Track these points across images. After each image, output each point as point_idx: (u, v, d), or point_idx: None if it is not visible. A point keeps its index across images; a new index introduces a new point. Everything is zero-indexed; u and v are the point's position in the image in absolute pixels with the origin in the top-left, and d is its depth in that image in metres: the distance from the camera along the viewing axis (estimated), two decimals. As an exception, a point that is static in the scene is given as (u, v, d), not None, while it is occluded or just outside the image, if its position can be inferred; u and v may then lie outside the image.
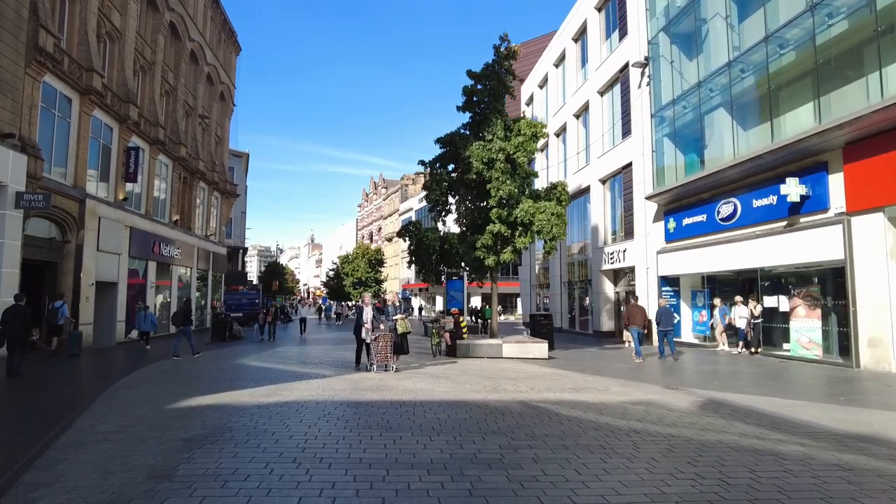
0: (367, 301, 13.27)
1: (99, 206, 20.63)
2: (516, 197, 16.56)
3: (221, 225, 36.16)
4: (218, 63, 33.66)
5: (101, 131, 21.40)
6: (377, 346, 12.25)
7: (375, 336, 12.24)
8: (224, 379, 11.40)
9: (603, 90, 27.13)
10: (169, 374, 12.33)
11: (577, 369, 13.68)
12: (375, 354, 12.25)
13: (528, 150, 16.72)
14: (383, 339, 12.23)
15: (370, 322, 12.56)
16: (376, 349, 12.24)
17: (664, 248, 21.30)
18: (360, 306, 12.91)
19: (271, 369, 13.05)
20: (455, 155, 17.29)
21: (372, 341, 12.29)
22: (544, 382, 11.18)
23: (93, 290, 20.17)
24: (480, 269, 17.63)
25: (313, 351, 18.29)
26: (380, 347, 12.23)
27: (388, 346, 12.24)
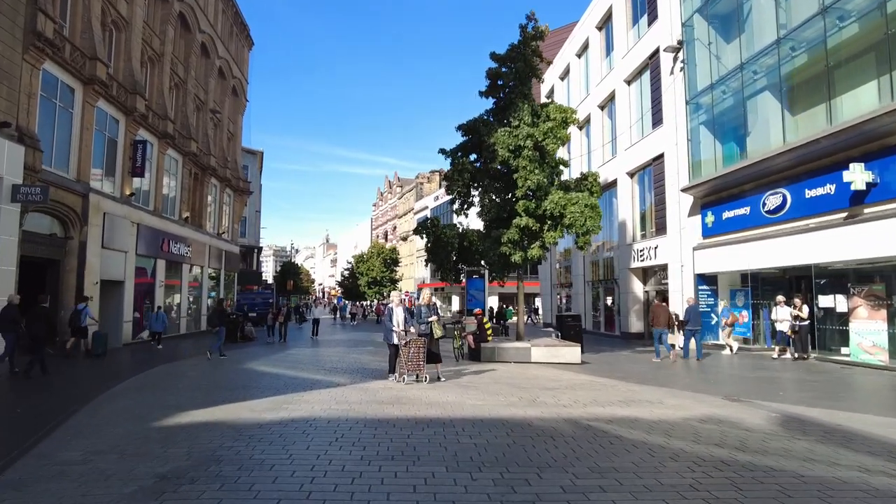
0: (398, 301, 11.45)
1: (104, 202, 19.55)
2: (545, 188, 15.11)
3: (234, 223, 35.10)
4: (230, 57, 32.59)
5: (106, 124, 20.32)
6: (408, 353, 10.56)
7: (406, 341, 10.56)
8: (226, 387, 10.12)
9: (630, 79, 25.55)
10: (169, 380, 11.10)
11: (618, 376, 12.22)
12: (406, 362, 10.54)
13: (558, 137, 15.26)
14: (415, 345, 10.56)
15: (401, 325, 10.87)
16: (407, 356, 10.56)
17: (701, 243, 19.70)
18: (389, 308, 11.13)
19: (280, 375, 11.75)
20: (478, 143, 15.88)
21: (402, 347, 10.61)
22: (587, 394, 9.74)
23: (97, 289, 19.07)
24: (505, 265, 16.20)
25: (326, 354, 17.00)
26: (411, 354, 10.56)
27: (421, 353, 10.61)
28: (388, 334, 11.02)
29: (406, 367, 10.53)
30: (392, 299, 11.61)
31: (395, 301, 11.41)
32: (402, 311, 11.05)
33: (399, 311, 11.00)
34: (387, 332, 11.03)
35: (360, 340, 23.08)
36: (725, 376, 12.71)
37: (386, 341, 11.16)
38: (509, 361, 14.65)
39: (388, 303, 11.89)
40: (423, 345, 10.61)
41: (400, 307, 11.11)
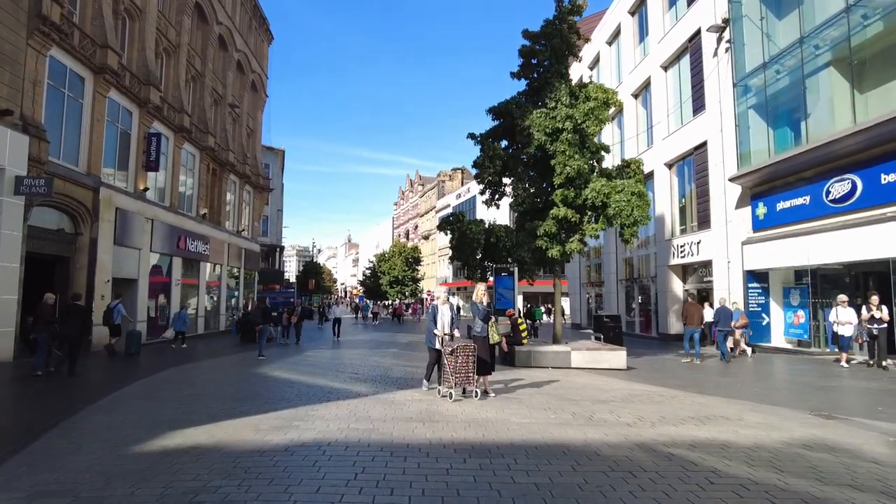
0: (444, 299, 9.69)
1: (116, 196, 18.55)
2: (585, 175, 13.57)
3: (254, 220, 34.13)
4: (248, 50, 31.60)
5: (118, 115, 19.34)
6: (455, 363, 8.55)
7: (453, 348, 8.57)
8: (232, 397, 8.83)
9: (667, 64, 23.82)
10: (172, 387, 9.87)
11: (675, 385, 10.66)
12: (452, 373, 8.56)
13: (600, 119, 13.71)
14: (463, 353, 8.58)
15: (447, 327, 9.18)
16: (454, 366, 8.55)
17: (751, 237, 17.94)
18: (433, 306, 9.49)
19: (294, 383, 10.44)
20: (511, 127, 14.40)
21: (448, 355, 8.64)
22: (649, 408, 8.22)
23: (109, 288, 18.07)
24: (540, 261, 14.69)
25: (347, 357, 15.68)
26: (458, 364, 8.55)
27: (470, 363, 8.64)
28: (429, 337, 9.27)
29: (452, 379, 8.57)
30: (437, 296, 9.91)
31: (440, 299, 9.66)
32: (448, 310, 9.30)
33: (445, 311, 9.27)
34: (429, 335, 9.30)
35: (382, 341, 21.76)
36: (796, 385, 11.05)
37: (427, 345, 9.45)
38: (546, 367, 13.16)
39: (432, 304, 9.74)
40: (474, 352, 8.61)
41: (446, 306, 9.37)
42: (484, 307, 9.20)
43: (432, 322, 9.21)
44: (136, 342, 16.31)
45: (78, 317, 11.88)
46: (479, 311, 9.10)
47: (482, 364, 8.83)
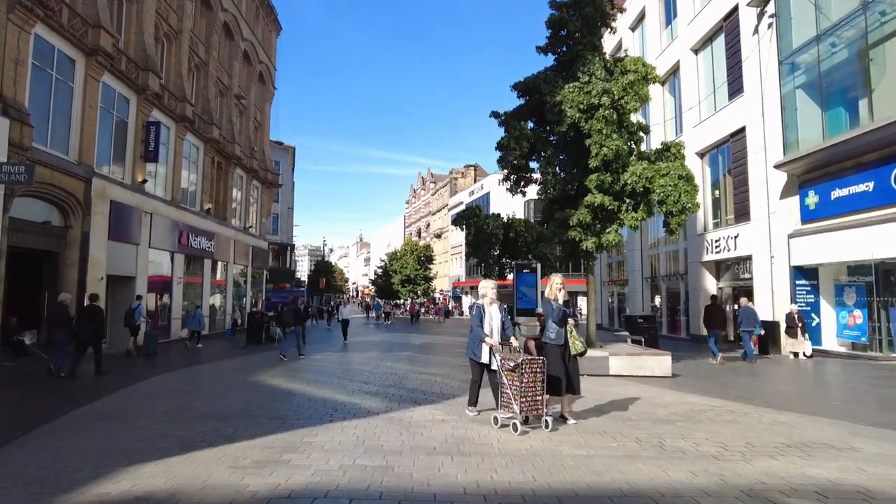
0: (491, 297, 7.10)
1: (111, 188, 17.18)
2: (624, 158, 11.91)
3: (262, 217, 32.75)
4: (255, 40, 30.20)
5: (114, 102, 17.97)
6: (519, 381, 6.19)
7: (517, 362, 6.21)
8: (218, 413, 7.28)
9: (699, 46, 22.03)
10: (150, 400, 8.37)
11: (735, 396, 9.00)
12: (516, 396, 6.19)
13: (640, 95, 12.04)
14: (530, 370, 6.22)
15: (496, 333, 6.93)
16: (519, 387, 6.19)
17: (799, 230, 16.16)
18: (478, 305, 7.10)
19: (292, 394, 8.90)
20: (539, 105, 12.75)
21: (507, 371, 6.31)
22: (724, 429, 6.56)
23: (103, 286, 16.68)
24: (571, 254, 13.04)
25: (357, 361, 14.12)
26: (525, 383, 6.19)
27: (539, 382, 6.30)
28: (473, 346, 7.01)
29: (516, 404, 6.16)
30: (483, 293, 7.10)
31: (487, 296, 7.05)
32: (497, 311, 7.03)
33: (494, 312, 6.99)
34: (472, 344, 7.03)
35: (395, 343, 20.20)
36: (877, 397, 9.31)
37: (469, 357, 7.10)
38: (582, 374, 11.47)
39: (476, 302, 7.26)
40: (544, 368, 6.33)
41: (495, 305, 7.06)
42: (559, 306, 6.60)
43: (479, 326, 6.87)
44: (153, 343, 15.90)
45: (96, 317, 11.57)
46: (552, 311, 6.58)
47: (555, 383, 6.47)
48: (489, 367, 6.90)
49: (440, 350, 17.53)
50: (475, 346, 6.97)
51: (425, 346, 18.57)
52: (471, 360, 7.12)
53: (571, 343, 6.62)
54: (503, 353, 6.64)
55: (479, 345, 6.92)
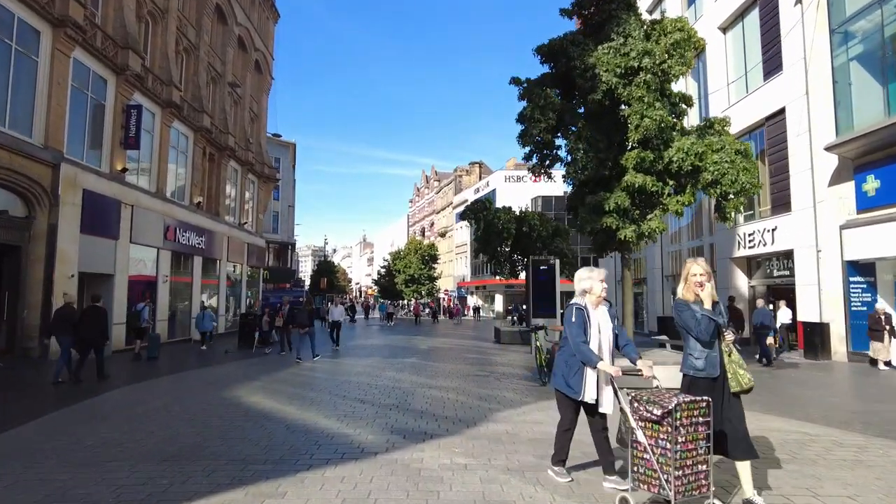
0: (599, 295, 4.35)
1: (83, 176, 15.30)
2: (667, 132, 9.97)
3: (258, 213, 30.84)
4: (251, 26, 28.32)
5: (88, 82, 16.08)
6: (670, 441, 3.57)
7: (664, 410, 3.58)
8: (154, 454, 5.33)
9: (727, 24, 20.06)
10: (94, 423, 6.46)
11: (825, 418, 7.05)
12: (665, 465, 3.57)
13: (685, 59, 10.12)
14: (687, 417, 3.63)
15: (610, 353, 4.28)
16: (673, 450, 3.55)
17: (855, 219, 14.16)
18: (577, 307, 4.30)
19: (267, 419, 6.94)
20: (566, 73, 10.80)
21: (641, 423, 3.74)
22: (861, 476, 4.61)
23: (74, 284, 14.82)
24: (605, 246, 11.07)
25: (354, 370, 12.17)
26: (681, 444, 3.59)
27: (704, 441, 3.68)
28: (567, 373, 4.30)
29: (666, 477, 3.56)
30: (584, 288, 4.37)
31: (592, 292, 4.34)
32: (608, 315, 4.36)
33: (603, 318, 4.32)
34: (564, 368, 4.34)
35: (398, 347, 18.27)
36: None
37: (560, 391, 4.39)
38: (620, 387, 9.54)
39: (573, 300, 4.45)
40: (709, 415, 3.70)
41: (603, 307, 4.38)
42: (706, 313, 3.92)
43: (584, 342, 4.15)
44: (155, 345, 15.02)
45: (100, 319, 11.02)
46: (695, 321, 3.93)
47: (720, 439, 3.85)
48: (591, 407, 4.26)
49: (449, 356, 15.58)
50: (570, 371, 4.25)
51: (432, 352, 16.62)
52: (559, 395, 4.40)
53: (731, 373, 3.92)
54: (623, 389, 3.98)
55: (578, 371, 4.20)
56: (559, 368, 4.40)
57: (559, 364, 4.41)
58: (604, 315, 4.34)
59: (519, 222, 20.35)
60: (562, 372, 4.35)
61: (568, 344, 4.30)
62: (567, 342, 4.32)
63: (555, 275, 16.60)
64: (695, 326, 3.95)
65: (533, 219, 19.69)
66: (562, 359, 4.39)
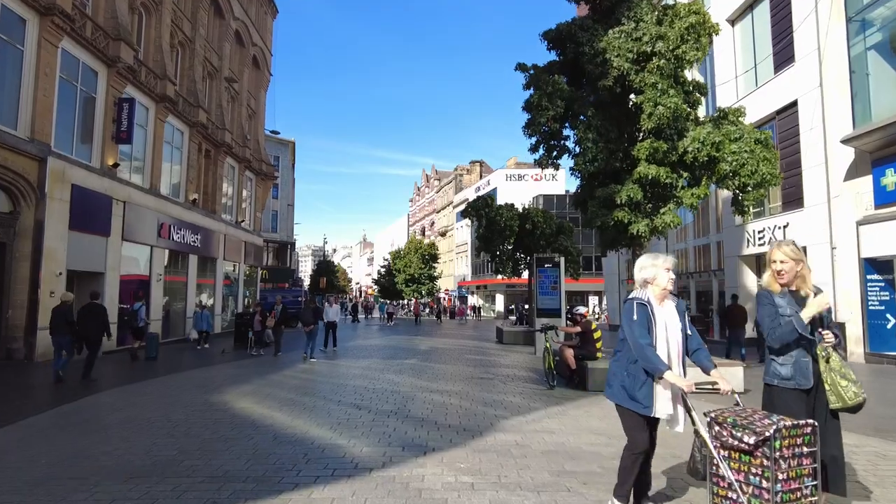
0: (665, 288, 3.44)
1: (72, 170, 14.73)
2: (681, 121, 9.39)
3: (256, 211, 30.26)
4: (249, 20, 27.72)
5: (79, 73, 15.50)
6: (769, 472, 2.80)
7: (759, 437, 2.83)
8: (120, 470, 4.74)
9: (736, 16, 19.50)
10: (61, 432, 5.88)
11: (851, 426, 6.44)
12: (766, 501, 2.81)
13: (700, 44, 9.54)
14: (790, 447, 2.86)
15: (679, 360, 3.39)
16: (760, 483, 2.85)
17: (873, 215, 13.57)
18: (638, 303, 3.43)
19: (255, 427, 6.36)
20: (574, 60, 10.21)
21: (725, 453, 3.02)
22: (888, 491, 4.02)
23: (61, 282, 14.26)
24: (615, 241, 10.48)
25: (352, 372, 11.59)
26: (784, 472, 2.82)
27: (809, 472, 2.90)
28: (629, 383, 3.42)
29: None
30: (646, 277, 3.48)
31: (656, 283, 3.44)
32: (678, 314, 3.49)
33: (671, 317, 3.45)
34: (624, 376, 3.47)
35: (398, 348, 17.69)
36: None
37: (622, 406, 3.47)
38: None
39: (631, 294, 3.59)
40: (814, 441, 2.92)
41: (669, 302, 3.49)
42: (798, 310, 3.24)
43: (648, 345, 3.32)
44: (154, 345, 14.69)
45: (95, 317, 10.94)
46: (782, 319, 3.25)
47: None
48: (654, 422, 3.45)
49: (450, 357, 14.99)
50: (635, 382, 3.36)
51: (432, 353, 16.03)
52: (622, 410, 3.48)
53: (830, 386, 3.18)
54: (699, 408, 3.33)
55: (645, 383, 3.33)
56: (617, 378, 3.52)
57: (616, 373, 3.55)
58: (671, 312, 3.45)
59: (522, 219, 19.77)
60: (621, 382, 3.45)
61: (626, 348, 3.45)
62: (625, 346, 3.48)
63: (559, 273, 16.00)
64: (767, 327, 3.23)
65: (536, 216, 19.09)
66: (620, 367, 3.52)
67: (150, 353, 14.44)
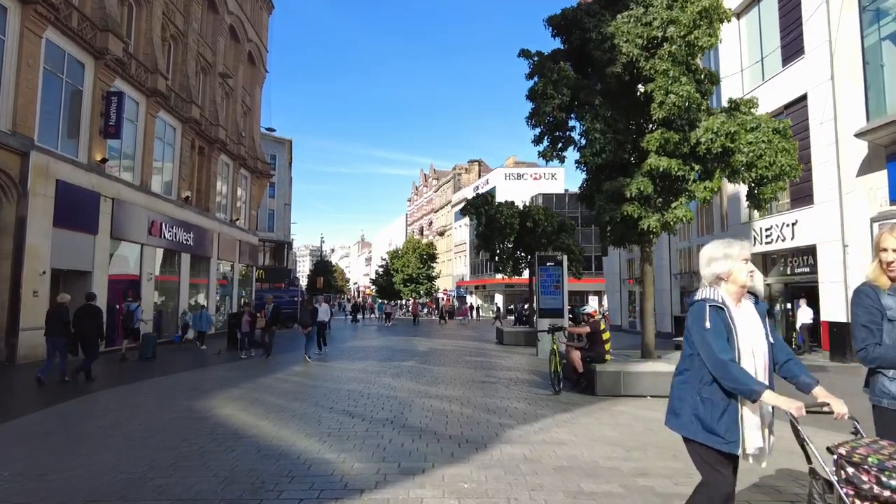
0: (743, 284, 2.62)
1: (57, 165, 14.16)
2: (693, 111, 8.86)
3: (252, 209, 29.67)
4: (244, 15, 27.15)
5: (63, 65, 14.91)
6: None
7: None
8: (81, 489, 4.20)
9: (742, 9, 18.97)
10: (20, 445, 5.33)
11: None
12: None
13: (713, 31, 9.02)
14: None
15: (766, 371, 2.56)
16: None
17: (888, 211, 13.03)
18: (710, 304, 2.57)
19: (237, 438, 5.80)
20: (580, 47, 9.65)
21: None
22: None
23: (45, 282, 13.70)
24: (623, 236, 9.94)
25: (347, 375, 11.03)
26: None
27: None
28: (705, 412, 2.53)
29: None
30: (718, 273, 2.62)
31: (731, 279, 2.60)
32: (755, 311, 2.65)
33: (751, 319, 2.60)
34: (700, 405, 2.55)
35: (395, 349, 17.13)
36: None
37: (695, 441, 2.56)
38: (643, 395, 8.41)
39: (697, 295, 2.68)
40: None
41: (748, 302, 2.67)
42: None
43: (730, 357, 2.46)
44: (151, 346, 14.42)
45: (97, 318, 10.78)
46: (869, 339, 2.68)
47: None
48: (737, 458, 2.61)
49: (450, 358, 14.44)
50: (713, 410, 2.54)
51: (432, 354, 15.49)
52: (696, 446, 2.59)
53: None
54: None
55: (729, 408, 2.52)
56: (686, 405, 2.60)
57: (684, 398, 2.62)
58: (751, 315, 2.61)
59: (522, 217, 19.23)
60: (694, 411, 2.55)
61: (696, 365, 2.58)
62: (693, 362, 2.60)
63: (562, 272, 15.47)
64: (863, 339, 2.53)
65: (538, 213, 18.56)
66: (689, 390, 2.61)
67: (145, 354, 14.16)
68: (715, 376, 2.47)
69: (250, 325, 15.16)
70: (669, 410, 2.72)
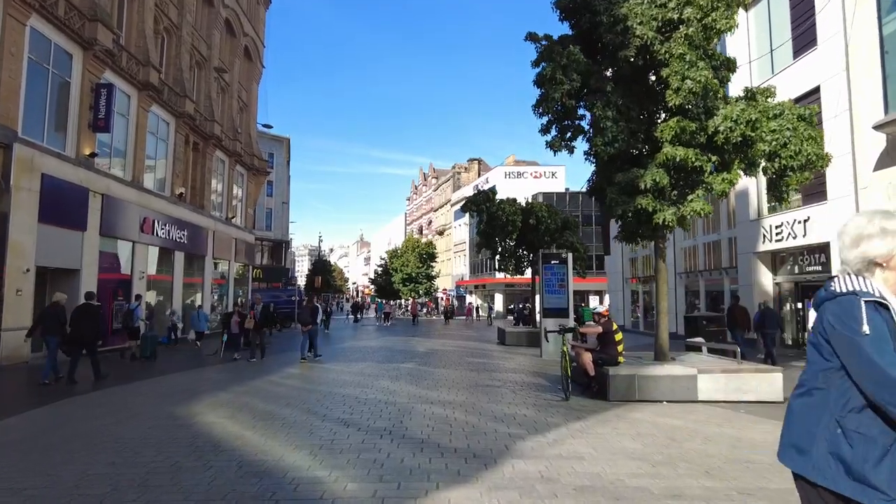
0: None
1: (42, 159, 13.56)
2: (711, 98, 8.29)
3: (248, 207, 29.07)
4: (240, 9, 26.53)
5: (50, 56, 14.31)
6: None
7: None
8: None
9: (750, 0, 18.41)
10: None
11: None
12: None
13: (730, 13, 8.45)
14: None
15: None
16: None
17: (907, 207, 12.53)
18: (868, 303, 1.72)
19: (217, 451, 5.21)
20: (590, 31, 9.07)
21: None
22: None
23: (30, 280, 13.11)
24: (635, 231, 9.36)
25: (343, 378, 10.43)
26: None
27: None
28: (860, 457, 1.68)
29: None
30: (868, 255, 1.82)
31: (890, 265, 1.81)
32: None
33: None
34: (846, 445, 1.71)
35: (394, 350, 16.55)
36: None
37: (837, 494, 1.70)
38: (660, 400, 7.85)
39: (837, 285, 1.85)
40: None
41: None
42: None
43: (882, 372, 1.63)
44: (151, 345, 14.34)
45: (89, 318, 10.44)
46: None
47: None
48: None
49: (451, 360, 13.87)
50: (861, 447, 1.69)
51: (432, 355, 14.92)
52: (830, 496, 1.73)
53: None
54: None
55: (889, 451, 1.67)
56: (821, 440, 1.78)
57: (815, 429, 1.80)
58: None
59: (525, 214, 18.66)
60: (831, 447, 1.76)
61: (836, 384, 1.79)
62: (830, 379, 1.81)
63: (567, 270, 14.91)
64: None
65: (540, 210, 17.99)
66: (824, 417, 1.80)
67: (144, 353, 14.05)
68: (876, 401, 1.67)
69: (240, 325, 14.54)
70: (789, 443, 1.90)
